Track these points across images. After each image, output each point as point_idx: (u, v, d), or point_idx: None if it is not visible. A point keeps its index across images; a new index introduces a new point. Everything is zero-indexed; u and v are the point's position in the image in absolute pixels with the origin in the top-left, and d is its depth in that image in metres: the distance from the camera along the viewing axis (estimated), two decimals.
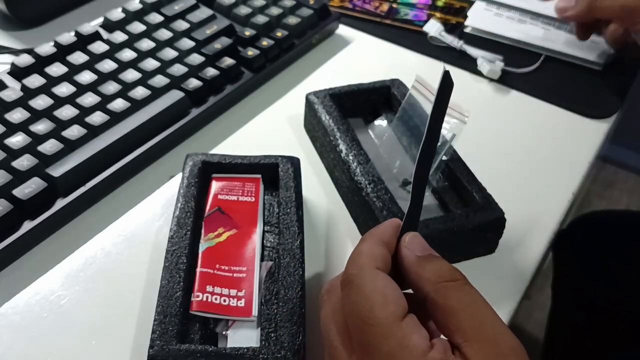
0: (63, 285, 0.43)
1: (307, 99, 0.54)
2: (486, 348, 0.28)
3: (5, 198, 0.44)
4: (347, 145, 0.48)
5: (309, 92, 0.54)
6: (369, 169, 0.46)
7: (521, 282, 0.45)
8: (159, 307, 0.37)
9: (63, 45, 0.56)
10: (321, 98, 0.53)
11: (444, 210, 0.47)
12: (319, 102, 0.52)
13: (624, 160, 1.75)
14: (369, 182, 0.45)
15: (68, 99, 0.52)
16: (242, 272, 0.40)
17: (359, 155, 0.47)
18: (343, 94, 0.54)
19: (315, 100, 0.53)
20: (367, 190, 0.45)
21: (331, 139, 0.50)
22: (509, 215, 0.44)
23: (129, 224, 0.47)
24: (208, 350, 0.35)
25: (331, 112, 0.51)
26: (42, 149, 0.47)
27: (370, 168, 0.46)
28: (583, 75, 0.65)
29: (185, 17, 0.62)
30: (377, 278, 0.30)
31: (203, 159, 0.47)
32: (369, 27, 0.70)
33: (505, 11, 0.71)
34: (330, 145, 0.50)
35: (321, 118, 0.51)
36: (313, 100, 0.53)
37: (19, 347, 0.39)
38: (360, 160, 0.47)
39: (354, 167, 0.46)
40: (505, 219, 0.44)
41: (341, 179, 0.49)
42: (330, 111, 0.51)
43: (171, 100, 0.53)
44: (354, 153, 0.47)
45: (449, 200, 0.47)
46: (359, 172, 0.46)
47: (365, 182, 0.45)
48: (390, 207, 0.43)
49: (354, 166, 0.46)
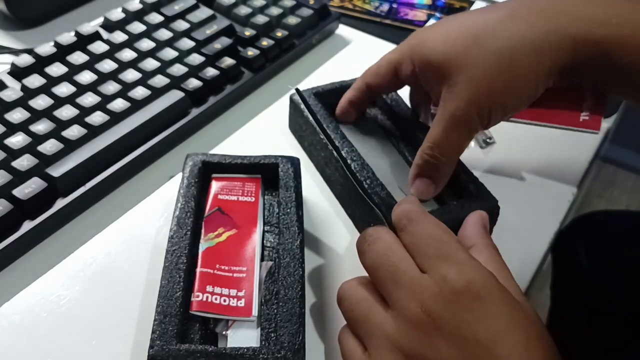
0: (63, 285, 0.43)
1: (291, 99, 0.54)
2: (485, 252, 0.36)
3: (5, 198, 0.44)
4: (339, 142, 0.48)
5: (291, 93, 0.54)
6: (362, 166, 0.46)
7: (521, 282, 0.45)
8: (159, 307, 0.37)
9: (63, 45, 0.56)
10: (306, 97, 0.53)
11: (439, 203, 0.47)
12: (304, 102, 0.52)
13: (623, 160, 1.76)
14: (364, 178, 0.45)
15: (68, 99, 0.52)
16: (242, 272, 0.40)
17: (351, 152, 0.47)
18: (327, 92, 0.54)
19: (300, 100, 0.52)
20: (365, 186, 0.45)
21: (321, 137, 0.50)
22: (510, 215, 0.45)
23: (129, 224, 0.47)
24: (208, 350, 0.35)
25: (318, 110, 0.51)
26: (42, 149, 0.47)
27: (364, 164, 0.46)
28: None
29: (185, 17, 0.62)
30: (431, 217, 0.35)
31: (203, 159, 0.47)
32: (369, 27, 0.70)
33: None
34: (321, 143, 0.50)
35: (308, 117, 0.51)
36: (297, 100, 0.53)
37: (19, 347, 0.39)
38: (353, 157, 0.47)
39: (349, 164, 0.46)
40: (499, 207, 0.44)
41: (334, 176, 0.49)
42: (317, 110, 0.51)
43: (171, 100, 0.53)
44: (346, 150, 0.48)
45: (443, 192, 0.47)
46: (354, 169, 0.46)
47: (361, 178, 0.45)
48: (388, 202, 0.43)
49: (349, 163, 0.47)
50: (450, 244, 0.33)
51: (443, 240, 0.33)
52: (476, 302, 0.30)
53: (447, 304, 0.31)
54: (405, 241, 0.34)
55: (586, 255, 0.75)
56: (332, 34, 0.68)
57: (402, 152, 0.51)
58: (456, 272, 0.31)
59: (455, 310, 0.30)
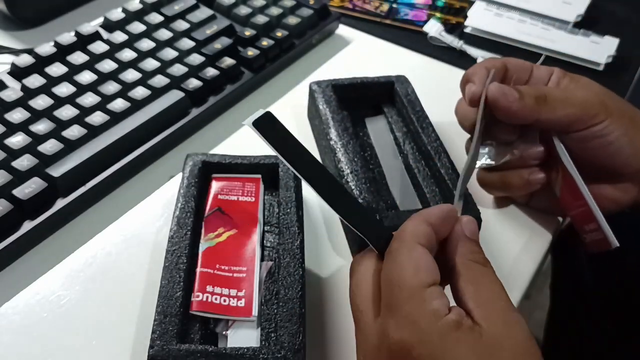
0: (63, 285, 0.43)
1: (310, 87, 0.55)
2: (494, 315, 0.31)
3: (5, 198, 0.44)
4: (338, 134, 0.49)
5: (312, 81, 0.55)
6: (353, 158, 0.46)
7: (521, 282, 0.45)
8: (159, 307, 0.37)
9: (63, 45, 0.56)
10: (323, 87, 0.53)
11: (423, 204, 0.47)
12: (320, 92, 0.53)
13: None
14: (350, 170, 0.45)
15: (68, 99, 0.52)
16: (242, 272, 0.40)
17: (347, 144, 0.48)
18: (346, 86, 0.54)
19: (317, 90, 0.53)
20: (347, 178, 0.45)
21: (324, 126, 0.50)
22: (510, 215, 0.44)
23: (129, 224, 0.47)
24: (208, 350, 0.35)
25: (330, 101, 0.52)
26: (42, 149, 0.47)
27: (355, 158, 0.46)
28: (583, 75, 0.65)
29: (185, 17, 0.62)
30: (415, 249, 0.33)
31: (203, 159, 0.47)
32: (369, 27, 0.70)
33: (505, 11, 0.71)
34: (323, 133, 0.50)
35: (319, 106, 0.52)
36: (315, 89, 0.54)
37: (19, 347, 0.39)
38: (347, 149, 0.47)
39: (339, 155, 0.47)
40: (481, 220, 0.44)
41: (329, 166, 0.50)
42: (329, 101, 0.52)
43: (171, 100, 0.53)
44: (342, 142, 0.48)
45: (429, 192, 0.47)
46: (343, 160, 0.46)
47: (347, 170, 0.46)
48: (365, 196, 0.44)
49: (340, 155, 0.47)
50: (403, 291, 0.32)
51: (399, 285, 0.32)
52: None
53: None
54: (381, 276, 0.34)
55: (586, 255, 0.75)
56: (332, 34, 0.68)
57: (404, 154, 0.51)
58: (395, 328, 0.31)
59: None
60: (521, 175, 0.46)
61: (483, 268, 0.34)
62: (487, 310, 0.31)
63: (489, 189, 0.49)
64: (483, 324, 0.31)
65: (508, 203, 0.51)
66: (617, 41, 0.67)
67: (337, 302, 0.43)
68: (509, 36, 0.68)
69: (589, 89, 0.46)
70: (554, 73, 0.47)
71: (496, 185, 0.48)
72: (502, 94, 0.43)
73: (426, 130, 0.50)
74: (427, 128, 0.50)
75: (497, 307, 0.32)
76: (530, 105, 0.43)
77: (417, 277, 0.32)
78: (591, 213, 0.43)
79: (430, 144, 0.48)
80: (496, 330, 0.30)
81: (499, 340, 0.30)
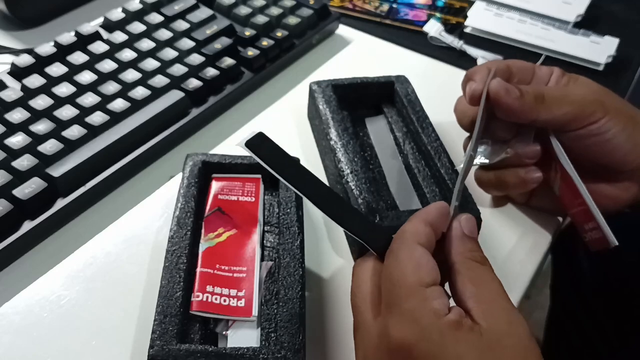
0: (63, 285, 0.43)
1: (310, 87, 0.55)
2: (494, 313, 0.31)
3: (5, 198, 0.44)
4: (338, 134, 0.49)
5: (312, 81, 0.55)
6: (353, 158, 0.46)
7: (521, 282, 0.45)
8: (159, 307, 0.37)
9: (63, 45, 0.56)
10: (323, 87, 0.53)
11: (423, 204, 0.47)
12: (320, 91, 0.53)
13: None
14: (350, 170, 0.45)
15: (68, 99, 0.52)
16: (242, 272, 0.40)
17: (347, 144, 0.48)
18: (346, 86, 0.54)
19: (317, 90, 0.53)
20: (347, 178, 0.45)
21: (324, 126, 0.50)
22: (510, 215, 0.44)
23: (129, 224, 0.47)
24: (208, 350, 0.35)
25: (330, 101, 0.52)
26: (42, 149, 0.47)
27: (355, 158, 0.46)
28: (583, 75, 0.65)
29: (185, 17, 0.62)
30: (415, 249, 0.33)
31: (203, 159, 0.47)
32: (369, 27, 0.70)
33: (505, 11, 0.72)
34: (323, 133, 0.50)
35: (319, 106, 0.52)
36: (315, 89, 0.54)
37: (19, 347, 0.39)
38: (347, 149, 0.47)
39: (339, 155, 0.47)
40: (481, 220, 0.44)
41: (330, 167, 0.50)
42: (329, 101, 0.52)
43: (171, 100, 0.53)
44: (342, 142, 0.48)
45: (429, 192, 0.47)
46: (343, 160, 0.46)
47: (347, 170, 0.46)
48: (365, 196, 0.44)
49: (340, 155, 0.47)
50: (404, 290, 0.32)
51: (400, 284, 0.32)
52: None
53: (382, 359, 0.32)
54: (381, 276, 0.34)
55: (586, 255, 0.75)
56: (332, 34, 0.68)
57: (404, 154, 0.51)
58: (395, 327, 0.31)
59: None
60: (517, 174, 0.46)
61: (482, 267, 0.34)
62: (486, 309, 0.32)
63: (486, 188, 0.49)
64: (483, 322, 0.31)
65: (508, 203, 0.51)
66: (617, 41, 0.67)
67: (337, 302, 0.43)
68: (509, 36, 0.68)
69: (586, 87, 0.46)
70: (554, 72, 0.47)
71: (492, 184, 0.48)
72: (504, 89, 0.42)
73: (426, 130, 0.50)
74: (427, 128, 0.50)
75: (497, 305, 0.32)
76: (530, 104, 0.43)
77: (417, 277, 0.32)
78: (590, 212, 0.43)
79: (430, 144, 0.48)
80: (496, 329, 0.31)
81: (499, 339, 0.30)
